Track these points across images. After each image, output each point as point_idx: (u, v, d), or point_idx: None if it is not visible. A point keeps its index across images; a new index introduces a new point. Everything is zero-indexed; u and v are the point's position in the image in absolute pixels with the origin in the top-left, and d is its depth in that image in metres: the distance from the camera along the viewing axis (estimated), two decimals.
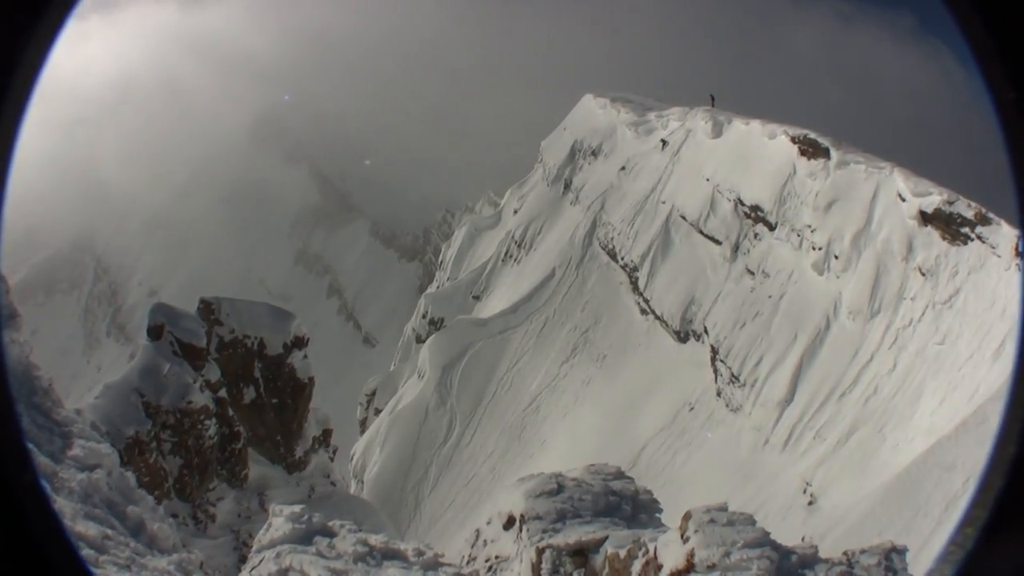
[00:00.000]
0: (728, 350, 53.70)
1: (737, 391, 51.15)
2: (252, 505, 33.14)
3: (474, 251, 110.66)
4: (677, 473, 51.49)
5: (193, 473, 29.59)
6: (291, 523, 14.47)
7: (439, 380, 75.31)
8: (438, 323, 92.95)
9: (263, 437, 37.76)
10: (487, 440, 69.19)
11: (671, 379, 60.57)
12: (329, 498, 38.31)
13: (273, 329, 37.26)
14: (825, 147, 53.36)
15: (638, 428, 58.31)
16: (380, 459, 71.29)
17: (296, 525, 14.40)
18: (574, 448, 60.14)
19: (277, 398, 37.90)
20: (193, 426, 29.28)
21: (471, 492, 64.99)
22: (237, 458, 33.46)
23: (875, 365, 41.56)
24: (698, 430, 53.65)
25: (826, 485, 37.36)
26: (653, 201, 72.53)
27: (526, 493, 15.95)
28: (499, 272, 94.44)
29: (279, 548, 13.75)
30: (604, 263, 77.14)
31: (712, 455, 50.08)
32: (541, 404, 69.23)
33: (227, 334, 34.99)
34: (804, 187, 53.66)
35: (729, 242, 59.83)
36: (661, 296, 65.85)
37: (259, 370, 36.97)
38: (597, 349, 70.26)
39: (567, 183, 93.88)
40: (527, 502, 15.64)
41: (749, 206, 58.61)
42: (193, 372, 30.71)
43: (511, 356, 75.72)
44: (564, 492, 15.92)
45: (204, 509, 30.50)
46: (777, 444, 44.68)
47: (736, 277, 57.84)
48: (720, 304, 58.28)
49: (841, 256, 47.15)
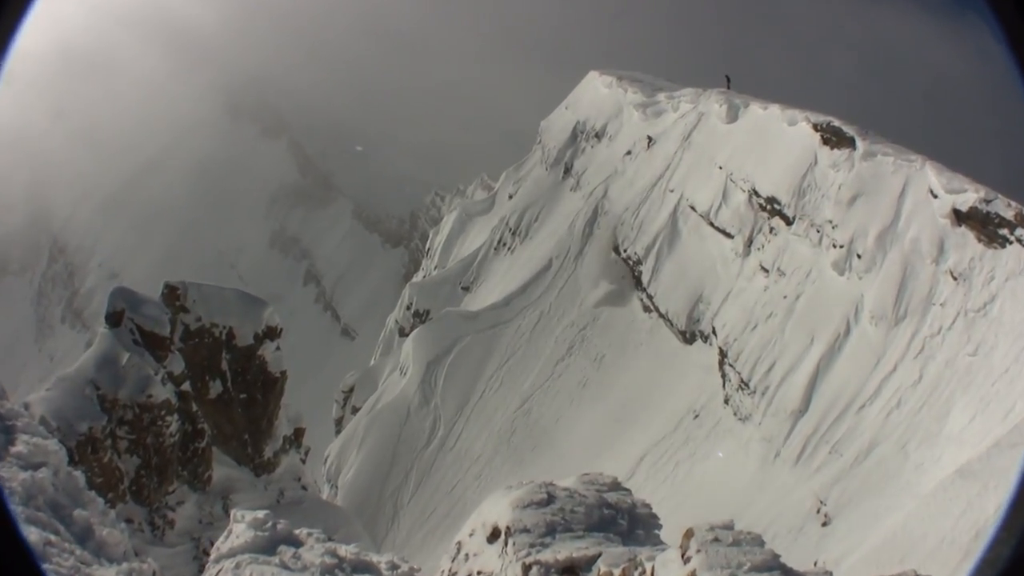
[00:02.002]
0: (738, 354, 53.49)
1: (747, 399, 50.93)
2: (215, 510, 32.91)
3: (464, 238, 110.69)
4: (679, 486, 51.31)
5: (151, 474, 29.29)
6: (253, 530, 14.24)
7: (423, 377, 75.12)
8: (423, 315, 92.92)
9: (229, 435, 37.54)
10: (473, 444, 69.00)
11: (675, 383, 60.40)
12: (299, 504, 38.15)
13: (244, 317, 37.03)
14: (850, 136, 53.09)
15: (637, 436, 58.13)
16: (356, 462, 71.09)
17: (259, 533, 14.16)
18: (567, 455, 60.07)
19: (246, 393, 37.69)
20: (153, 422, 28.99)
21: (454, 501, 64.80)
22: (200, 458, 33.18)
23: (899, 376, 41.26)
24: (703, 440, 53.47)
25: (842, 505, 37.06)
26: (661, 189, 72.30)
27: (513, 503, 15.67)
28: (491, 262, 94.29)
29: (239, 558, 13.50)
30: (605, 255, 76.87)
31: (718, 468, 49.91)
32: (533, 406, 69.04)
33: (193, 322, 34.74)
34: (826, 179, 53.40)
35: (742, 236, 59.60)
36: (666, 293, 65.66)
37: (227, 362, 36.74)
38: (595, 348, 70.08)
39: (567, 167, 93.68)
40: (514, 513, 15.36)
41: (765, 198, 58.36)
42: (155, 363, 30.43)
43: (502, 353, 75.52)
44: (555, 503, 15.64)
45: (162, 514, 30.24)
46: (789, 458, 44.43)
47: (748, 274, 57.63)
48: (730, 303, 58.07)
49: (864, 255, 46.85)
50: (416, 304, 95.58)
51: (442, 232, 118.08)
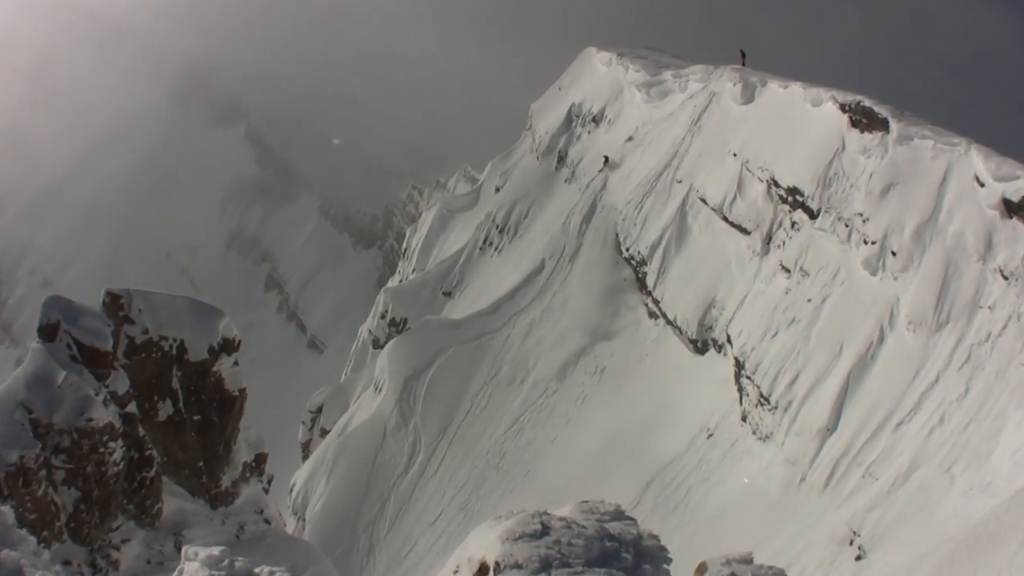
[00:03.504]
0: (756, 365, 53.25)
1: (767, 415, 50.69)
2: (166, 548, 32.59)
3: (446, 237, 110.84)
4: (691, 515, 51.08)
5: (92, 508, 28.89)
6: (208, 569, 13.98)
7: (400, 394, 74.99)
8: (400, 324, 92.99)
9: (182, 463, 37.21)
10: (458, 469, 68.80)
11: (686, 398, 60.23)
12: (262, 539, 37.95)
13: (197, 329, 36.67)
14: (882, 117, 52.90)
15: (643, 458, 57.88)
16: (326, 491, 70.90)
17: (214, 572, 13.90)
18: (564, 481, 59.86)
19: (200, 414, 37.32)
20: (94, 449, 28.56)
21: (437, 534, 64.61)
22: (148, 489, 32.82)
23: (941, 388, 40.95)
24: (718, 462, 53.22)
25: (878, 537, 36.72)
26: (667, 180, 72.21)
27: (503, 535, 15.41)
28: (476, 263, 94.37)
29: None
30: (604, 254, 76.75)
31: (735, 494, 49.63)
32: (525, 426, 68.88)
33: (139, 335, 34.35)
34: (855, 167, 53.21)
35: (760, 232, 59.46)
36: (675, 296, 65.53)
37: (178, 380, 36.38)
38: (594, 360, 69.95)
39: (561, 156, 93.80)
40: (503, 546, 15.09)
41: (786, 188, 58.21)
42: (95, 382, 29.97)
43: (489, 367, 75.39)
44: (550, 535, 15.38)
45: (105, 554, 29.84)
46: (817, 483, 44.15)
47: (768, 275, 57.44)
48: (747, 308, 57.88)
49: (900, 252, 46.59)
50: (392, 312, 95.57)
51: (420, 231, 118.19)
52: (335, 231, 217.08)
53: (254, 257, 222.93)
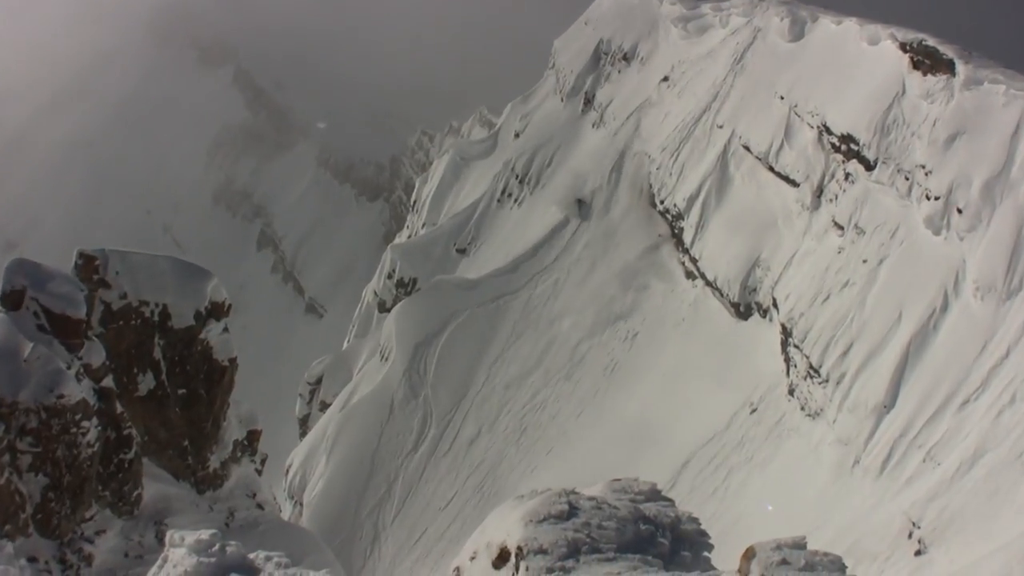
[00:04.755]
0: (805, 332, 53.08)
1: (817, 389, 50.55)
2: (146, 539, 32.41)
3: (459, 188, 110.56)
4: (732, 500, 51.06)
5: (62, 497, 28.64)
6: (196, 556, 13.76)
7: (409, 363, 75.04)
8: (409, 285, 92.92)
9: (165, 443, 37.13)
10: (473, 447, 68.89)
11: (726, 369, 60.13)
12: (254, 527, 37.84)
13: (181, 293, 36.49)
14: (948, 58, 52.47)
15: (679, 435, 57.90)
16: (326, 472, 70.98)
17: (203, 559, 13.67)
18: (590, 461, 59.86)
19: (185, 388, 37.20)
20: (65, 430, 28.31)
21: (450, 518, 64.73)
22: (127, 473, 32.62)
23: (1013, 363, 40.50)
24: (762, 441, 53.15)
25: (941, 529, 36.30)
26: (706, 125, 71.91)
27: (525, 517, 15.12)
28: (493, 217, 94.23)
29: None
30: (637, 207, 76.58)
31: (781, 477, 49.53)
32: (548, 399, 68.91)
33: (116, 300, 34.15)
34: (917, 113, 52.80)
35: (810, 184, 59.18)
36: (714, 255, 65.37)
37: (161, 349, 36.23)
38: (626, 325, 69.92)
39: (588, 97, 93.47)
40: (526, 530, 14.81)
41: (839, 136, 57.88)
42: (67, 354, 29.69)
43: (508, 332, 75.41)
44: (578, 516, 15.07)
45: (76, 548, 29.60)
46: (872, 467, 43.94)
47: (818, 232, 57.21)
48: (795, 269, 57.69)
49: (967, 210, 46.19)
50: (400, 271, 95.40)
51: (431, 181, 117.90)
52: (336, 182, 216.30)
53: (245, 212, 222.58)
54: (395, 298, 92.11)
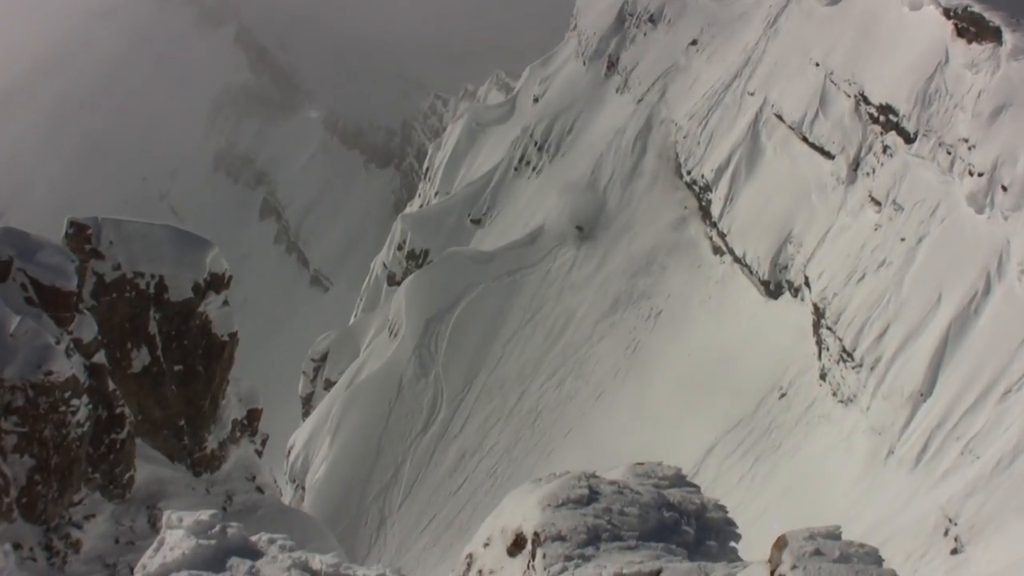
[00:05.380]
0: (839, 313, 52.93)
1: (850, 374, 50.41)
2: (138, 523, 32.30)
3: (475, 155, 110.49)
4: (760, 488, 51.00)
5: (49, 479, 28.48)
6: (194, 538, 13.45)
7: (420, 340, 75.01)
8: (420, 257, 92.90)
9: (159, 422, 37.05)
10: (485, 429, 68.86)
11: (755, 350, 60.01)
12: (253, 511, 37.78)
13: (179, 264, 36.36)
14: (994, 26, 52.17)
15: (704, 420, 57.81)
16: (330, 455, 71.03)
17: (202, 541, 13.36)
18: (610, 445, 59.81)
19: (182, 364, 37.10)
20: (53, 409, 28.16)
21: (460, 503, 64.72)
22: (119, 454, 32.50)
23: None
24: (792, 428, 53.07)
25: (979, 527, 35.99)
26: (737, 92, 71.67)
27: (543, 501, 14.93)
28: (511, 186, 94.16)
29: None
30: (662, 178, 76.43)
31: (810, 466, 49.43)
32: (566, 378, 68.89)
33: (110, 271, 34.03)
34: (960, 83, 52.53)
35: (846, 156, 58.96)
36: (743, 229, 65.19)
37: (157, 323, 36.11)
38: (649, 302, 69.83)
39: (612, 61, 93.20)
40: (544, 514, 14.61)
41: (877, 106, 57.65)
42: (56, 328, 29.55)
43: (524, 308, 75.35)
44: (599, 501, 14.84)
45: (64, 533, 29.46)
46: (907, 458, 43.79)
47: (854, 208, 57.01)
48: (829, 246, 57.50)
49: (1012, 187, 45.94)
50: (411, 242, 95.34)
51: (445, 147, 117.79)
52: (343, 148, 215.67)
53: (247, 179, 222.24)
54: (405, 271, 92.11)
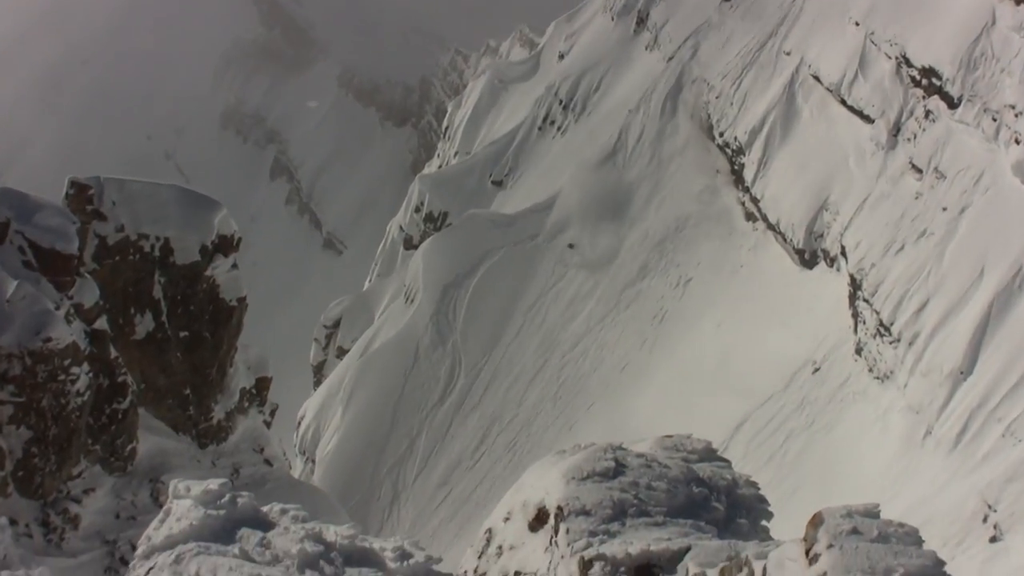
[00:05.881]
0: (876, 285, 52.68)
1: (887, 350, 50.19)
2: (140, 498, 32.22)
3: (497, 114, 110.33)
4: (791, 467, 50.88)
5: (47, 452, 28.37)
6: (202, 508, 13.31)
7: (437, 306, 74.95)
8: (439, 220, 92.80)
9: (164, 391, 37.03)
10: (505, 400, 68.80)
11: (787, 322, 59.83)
12: (261, 485, 37.80)
13: (185, 225, 36.28)
14: None
15: (733, 394, 57.67)
16: (342, 426, 71.09)
17: (211, 511, 13.18)
18: (635, 419, 59.72)
19: (188, 330, 37.04)
20: (52, 377, 28.04)
21: (478, 478, 64.72)
22: (121, 425, 32.45)
23: None
24: (825, 404, 52.88)
25: (1020, 514, 35.74)
26: (772, 51, 71.31)
27: (567, 474, 14.75)
28: (534, 146, 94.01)
29: (180, 549, 12.63)
30: (693, 140, 76.14)
31: (844, 445, 49.25)
32: (589, 348, 68.75)
33: (113, 233, 33.94)
34: (1008, 47, 52.09)
35: (886, 121, 58.63)
36: (778, 195, 64.94)
37: (162, 287, 36.07)
38: (677, 269, 69.64)
39: (641, 17, 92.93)
40: (568, 488, 14.43)
41: (919, 69, 57.28)
42: (56, 293, 29.46)
43: (547, 274, 75.14)
44: (625, 475, 14.65)
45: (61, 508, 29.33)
46: (945, 439, 43.56)
47: (894, 175, 56.70)
48: (867, 214, 57.20)
49: None
50: (429, 204, 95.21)
51: (466, 105, 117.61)
52: (359, 105, 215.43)
53: (257, 137, 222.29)
54: (423, 234, 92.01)
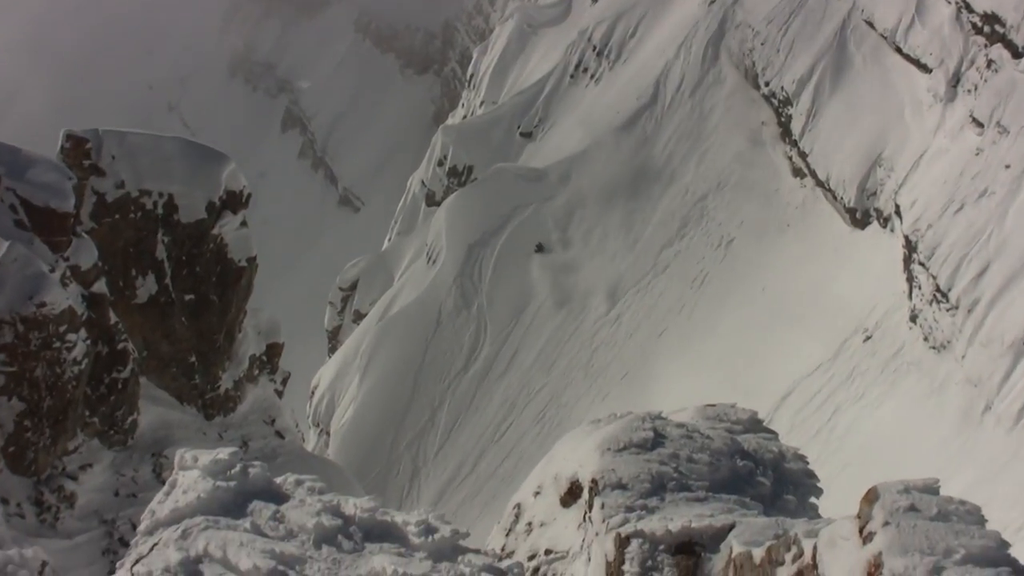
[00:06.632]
0: (933, 248, 52.36)
1: (945, 317, 49.91)
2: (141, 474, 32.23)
3: (525, 60, 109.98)
4: (839, 442, 50.69)
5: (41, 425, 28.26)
6: (211, 479, 13.04)
7: (462, 267, 74.83)
8: (464, 174, 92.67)
9: (167, 359, 37.04)
10: (534, 368, 68.68)
11: (837, 286, 59.62)
12: (272, 459, 37.74)
13: (191, 181, 36.25)
14: None
15: (778, 363, 57.49)
16: (359, 396, 71.10)
17: (220, 483, 12.87)
18: (673, 388, 59.57)
19: (194, 293, 37.10)
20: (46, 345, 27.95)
21: (504, 451, 64.67)
22: (121, 396, 32.45)
23: None
24: (877, 375, 52.69)
25: None
26: None
27: (603, 445, 14.63)
28: (565, 95, 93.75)
29: (187, 523, 12.40)
30: (737, 90, 75.81)
31: (897, 420, 49.03)
32: (624, 312, 68.62)
33: (112, 190, 33.92)
34: None
35: (944, 71, 58.28)
36: (828, 150, 64.64)
37: (166, 247, 36.04)
38: (720, 228, 69.39)
39: None
40: (603, 459, 14.31)
41: (981, 15, 56.91)
42: (51, 255, 29.35)
43: (580, 232, 74.92)
44: (665, 446, 14.55)
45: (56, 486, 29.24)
46: (1006, 415, 43.33)
47: (953, 129, 56.39)
48: (924, 171, 56.91)
49: None
50: (452, 158, 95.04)
51: (492, 51, 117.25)
52: (377, 52, 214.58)
53: (267, 87, 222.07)
54: (446, 189, 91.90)
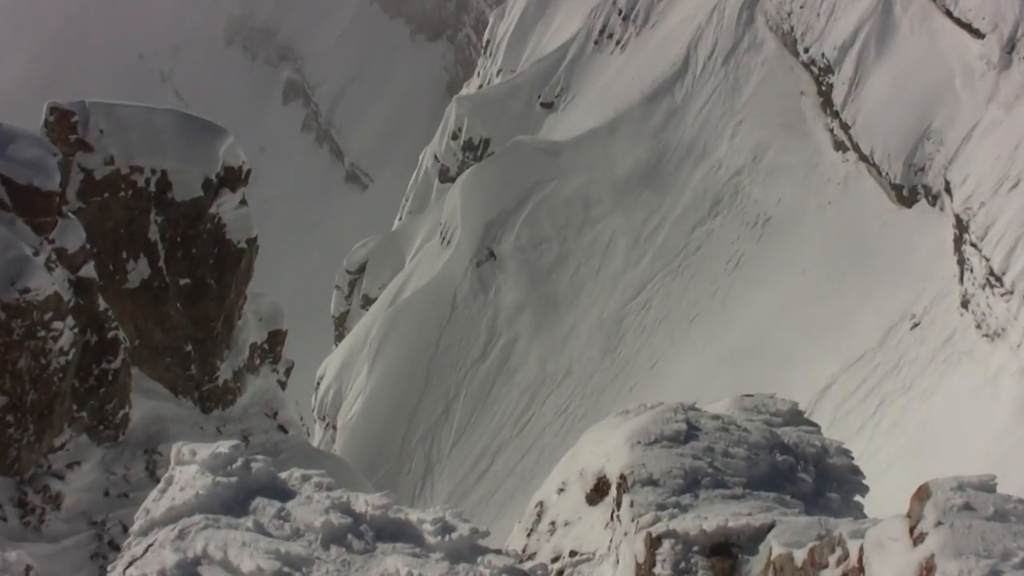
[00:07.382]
0: (986, 228, 52.07)
1: (998, 303, 49.64)
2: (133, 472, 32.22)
3: (545, 25, 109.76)
4: (886, 436, 50.47)
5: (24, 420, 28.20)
6: (210, 475, 12.85)
7: (478, 248, 74.66)
8: (480, 148, 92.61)
9: (161, 348, 37.05)
10: (555, 357, 68.61)
11: (883, 269, 59.39)
12: (274, 454, 37.65)
13: (186, 156, 36.25)
14: None
15: (818, 352, 57.31)
16: (368, 387, 71.09)
17: (220, 478, 12.66)
18: (705, 378, 59.39)
19: (190, 277, 37.13)
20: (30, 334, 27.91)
21: (523, 447, 64.60)
22: (111, 388, 32.41)
23: None
24: (926, 365, 52.44)
25: None
26: None
27: (632, 437, 14.45)
28: (588, 63, 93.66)
29: (184, 522, 12.24)
30: (774, 56, 75.54)
31: (947, 413, 48.76)
32: (653, 297, 68.48)
33: (101, 166, 33.89)
34: None
35: (999, 36, 58.01)
36: (872, 121, 64.39)
37: (159, 228, 36.04)
38: (755, 206, 69.20)
39: None
40: (633, 454, 14.14)
41: None
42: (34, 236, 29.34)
43: (604, 211, 74.74)
44: (699, 439, 14.40)
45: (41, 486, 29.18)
46: None
47: (1008, 100, 56.12)
48: (976, 145, 56.58)
49: None
50: (468, 130, 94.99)
51: (510, 16, 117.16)
52: (385, 16, 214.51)
53: (268, 55, 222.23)
54: (461, 164, 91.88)
